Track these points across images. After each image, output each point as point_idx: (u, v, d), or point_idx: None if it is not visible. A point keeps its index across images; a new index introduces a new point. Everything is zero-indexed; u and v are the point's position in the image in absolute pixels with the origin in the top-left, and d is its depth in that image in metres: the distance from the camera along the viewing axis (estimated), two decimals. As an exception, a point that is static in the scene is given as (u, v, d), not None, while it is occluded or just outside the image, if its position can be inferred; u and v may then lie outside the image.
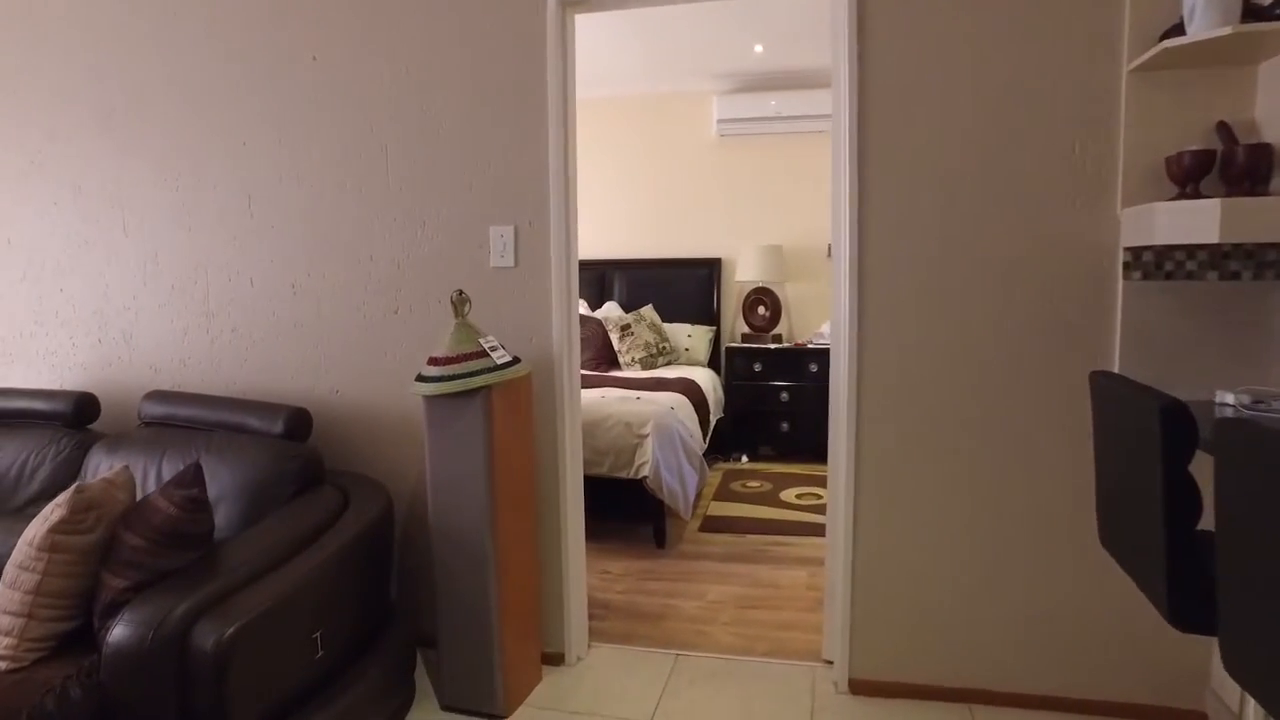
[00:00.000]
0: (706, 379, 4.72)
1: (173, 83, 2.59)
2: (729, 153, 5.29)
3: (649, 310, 5.14)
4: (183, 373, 2.68)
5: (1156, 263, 1.98)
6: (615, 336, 4.95)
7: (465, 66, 2.37)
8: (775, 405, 4.96)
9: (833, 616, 2.36)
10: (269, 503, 2.15)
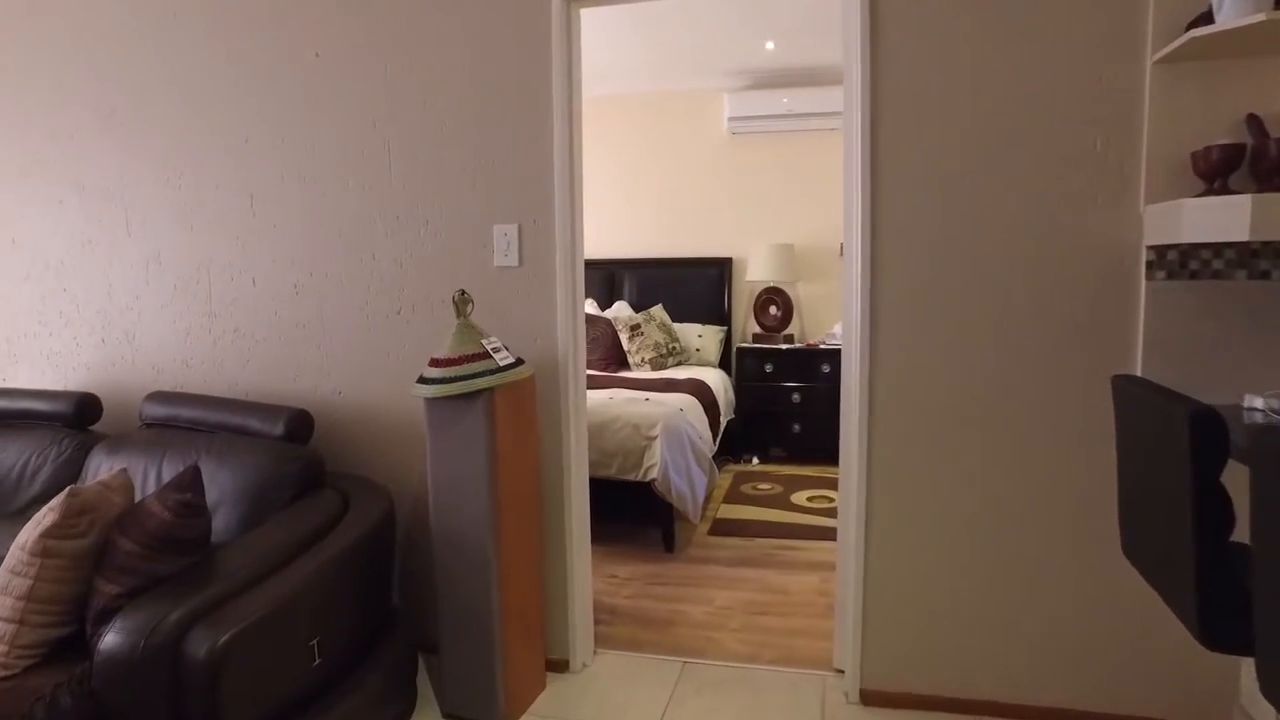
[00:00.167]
0: (717, 380, 4.66)
1: (174, 81, 2.56)
2: (740, 151, 5.23)
3: (659, 310, 5.09)
4: (185, 373, 2.66)
5: (1181, 262, 1.91)
6: (625, 337, 4.90)
7: (469, 63, 2.32)
8: (786, 406, 4.89)
9: (844, 624, 2.30)
10: (269, 506, 2.12)
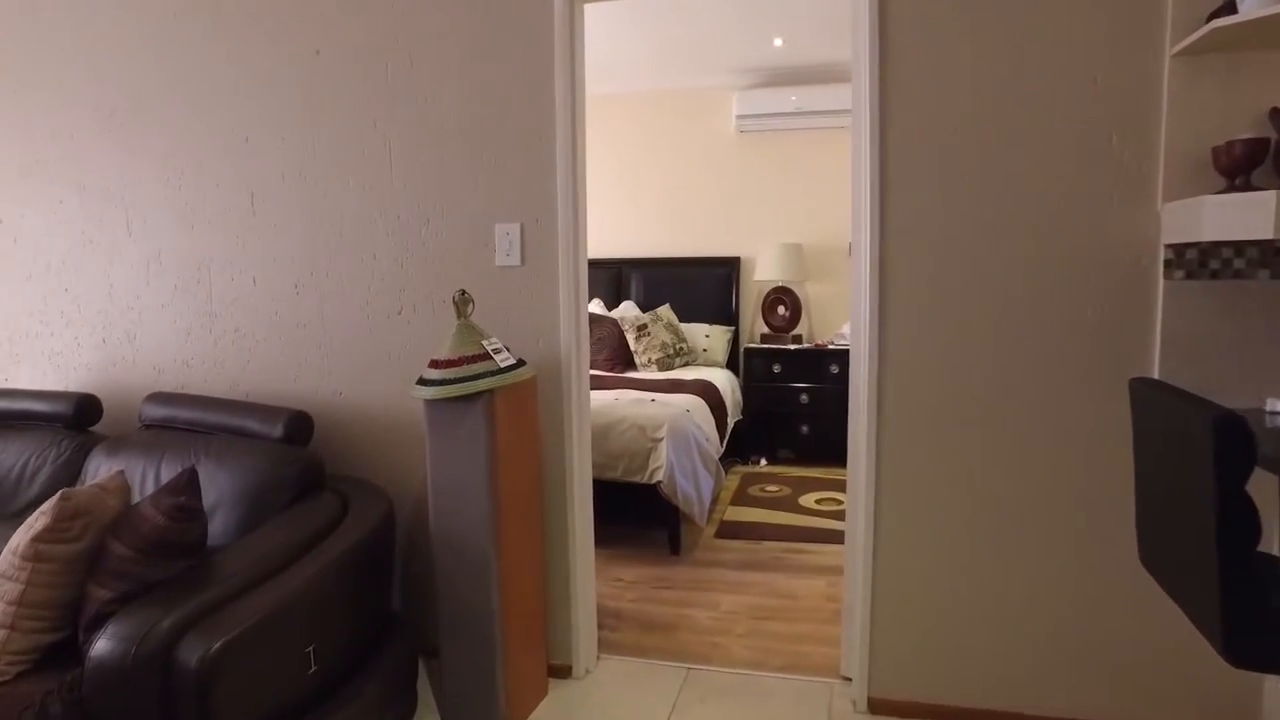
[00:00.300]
0: (724, 380, 4.61)
1: (174, 80, 2.54)
2: (749, 149, 5.18)
3: (666, 310, 5.04)
4: (186, 374, 2.64)
5: (1201, 260, 1.85)
6: (631, 337, 4.86)
7: (471, 60, 2.29)
8: (795, 407, 4.84)
9: (851, 631, 2.25)
10: (267, 509, 2.09)
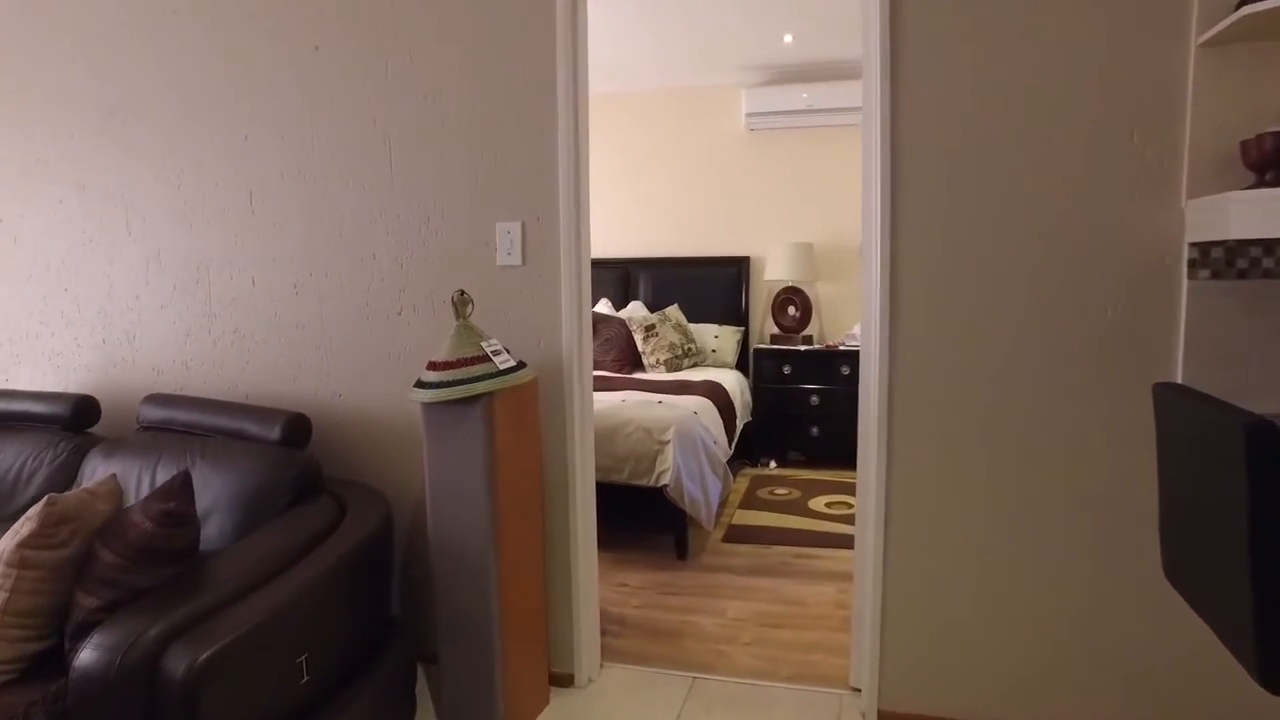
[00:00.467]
0: (733, 381, 4.55)
1: (174, 79, 2.50)
2: (759, 147, 5.11)
3: (674, 310, 4.98)
4: (185, 375, 2.60)
5: (1227, 260, 1.77)
6: (639, 337, 4.81)
7: (471, 55, 2.24)
8: (805, 409, 4.77)
9: (861, 640, 2.19)
10: (263, 513, 2.05)
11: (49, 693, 1.49)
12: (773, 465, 4.81)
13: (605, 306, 5.12)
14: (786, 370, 4.79)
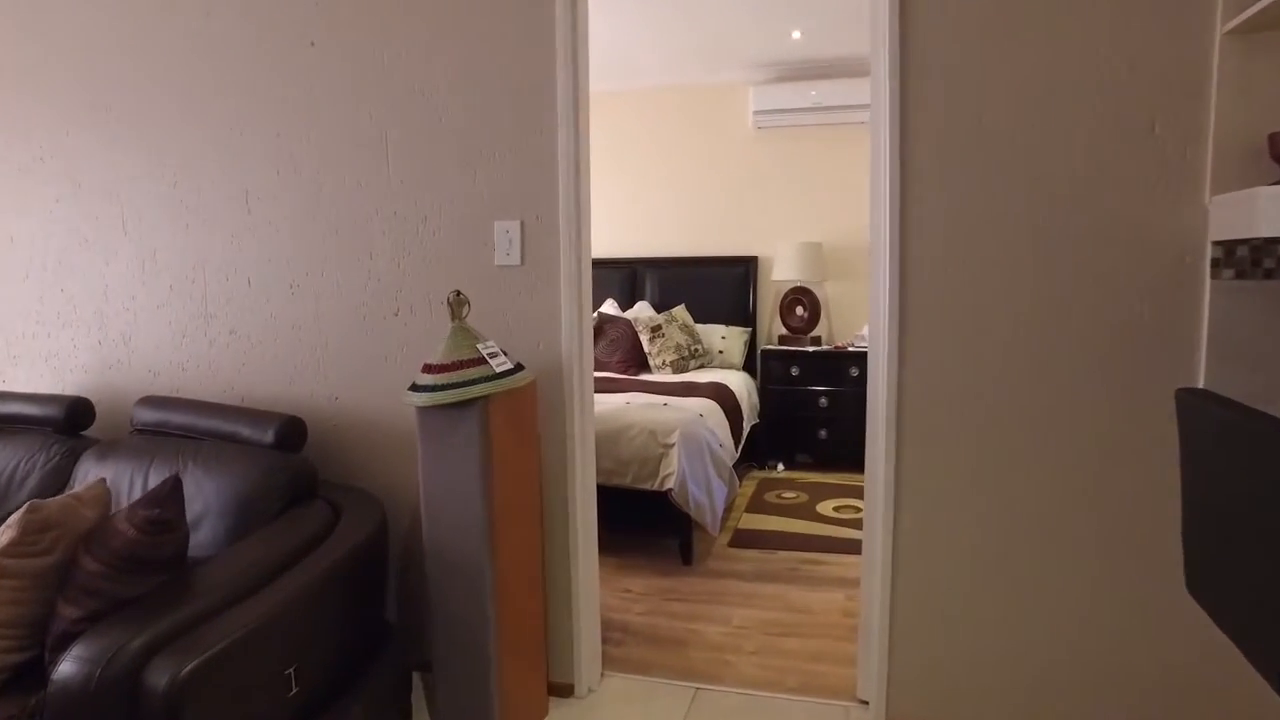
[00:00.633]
0: (740, 383, 4.48)
1: (168, 75, 2.46)
2: (766, 146, 5.04)
3: (681, 311, 4.92)
4: (181, 376, 2.56)
5: (1254, 259, 1.70)
6: (645, 338, 4.75)
7: (469, 50, 2.19)
8: (813, 411, 4.69)
9: (868, 651, 2.12)
10: (256, 518, 2.00)
11: (27, 707, 1.44)
12: (780, 468, 4.74)
13: (611, 307, 5.06)
14: (794, 372, 4.72)
